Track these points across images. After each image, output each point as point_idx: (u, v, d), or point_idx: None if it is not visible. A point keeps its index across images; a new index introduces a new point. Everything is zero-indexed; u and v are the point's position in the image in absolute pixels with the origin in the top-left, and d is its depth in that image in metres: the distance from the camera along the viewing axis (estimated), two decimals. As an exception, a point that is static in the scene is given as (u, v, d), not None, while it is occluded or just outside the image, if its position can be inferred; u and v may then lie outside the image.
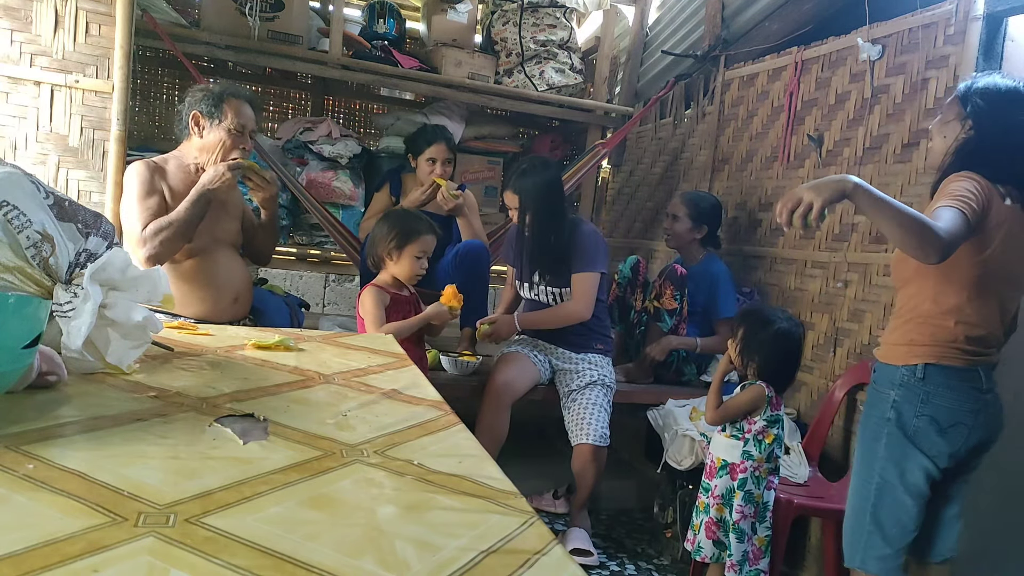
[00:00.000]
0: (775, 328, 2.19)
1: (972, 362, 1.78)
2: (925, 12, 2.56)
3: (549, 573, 0.68)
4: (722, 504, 2.17)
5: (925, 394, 1.78)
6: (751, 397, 2.16)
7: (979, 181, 1.74)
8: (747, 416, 2.17)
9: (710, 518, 2.19)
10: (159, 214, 2.32)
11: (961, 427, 1.77)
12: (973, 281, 1.77)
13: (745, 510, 2.13)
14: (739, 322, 2.29)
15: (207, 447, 0.90)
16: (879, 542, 1.82)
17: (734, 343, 2.25)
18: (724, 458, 2.19)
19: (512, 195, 2.79)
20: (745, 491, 2.13)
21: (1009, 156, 1.78)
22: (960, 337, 1.77)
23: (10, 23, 2.59)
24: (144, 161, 2.42)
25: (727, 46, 3.77)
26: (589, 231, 2.86)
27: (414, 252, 2.48)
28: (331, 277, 4.53)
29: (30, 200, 1.07)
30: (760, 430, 2.15)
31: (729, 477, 2.17)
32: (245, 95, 2.49)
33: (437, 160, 3.26)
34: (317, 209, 3.60)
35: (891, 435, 1.82)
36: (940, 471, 1.79)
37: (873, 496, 1.83)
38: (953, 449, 1.78)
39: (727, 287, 3.08)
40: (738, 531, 2.12)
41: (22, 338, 0.92)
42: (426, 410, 1.21)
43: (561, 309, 2.79)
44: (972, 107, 1.84)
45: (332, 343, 1.71)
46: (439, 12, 4.25)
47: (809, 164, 3.05)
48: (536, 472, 3.09)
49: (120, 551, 0.61)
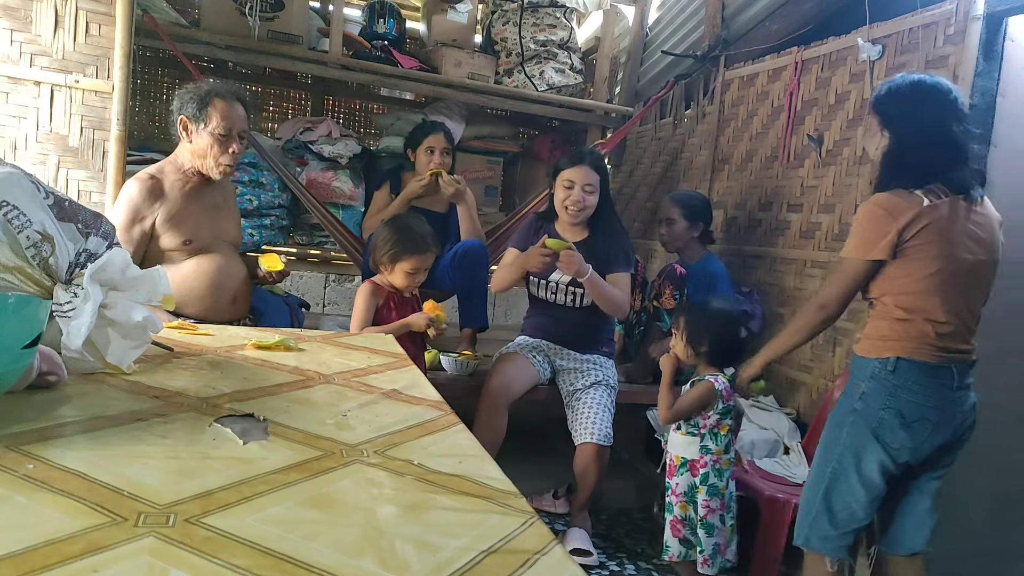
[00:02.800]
0: (714, 309, 2.25)
1: (945, 359, 1.79)
2: (925, 12, 2.56)
3: (549, 573, 0.68)
4: (685, 502, 2.17)
5: (893, 387, 1.80)
6: (701, 393, 2.17)
7: (888, 209, 1.79)
8: (700, 412, 2.17)
9: (674, 516, 2.19)
10: (140, 248, 2.30)
11: (925, 423, 1.78)
12: (932, 285, 1.79)
13: (711, 504, 2.13)
14: (679, 316, 2.33)
15: (207, 447, 0.90)
16: (826, 524, 1.86)
17: (679, 337, 2.25)
18: (683, 455, 2.19)
19: (592, 172, 2.72)
20: (708, 485, 2.14)
21: (928, 155, 1.80)
22: (931, 334, 1.79)
23: (10, 23, 2.59)
24: (141, 179, 2.34)
25: (727, 46, 3.77)
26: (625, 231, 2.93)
27: (406, 268, 2.48)
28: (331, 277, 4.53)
29: (30, 200, 1.07)
30: (715, 424, 2.16)
31: (690, 474, 2.18)
32: (233, 94, 2.40)
33: (436, 149, 3.25)
34: (317, 209, 3.60)
35: (855, 424, 1.84)
36: (898, 465, 1.81)
37: (827, 480, 1.87)
38: (915, 444, 1.79)
39: (725, 286, 3.08)
40: (707, 526, 2.13)
41: (22, 338, 0.92)
42: (426, 410, 1.21)
43: (617, 292, 2.72)
44: (882, 115, 1.88)
45: (332, 343, 1.71)
46: (439, 12, 4.26)
47: (809, 164, 3.05)
48: (536, 472, 3.08)
49: (120, 551, 0.61)
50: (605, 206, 2.81)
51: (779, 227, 3.20)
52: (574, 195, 2.71)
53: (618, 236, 2.84)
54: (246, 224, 3.60)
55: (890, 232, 1.77)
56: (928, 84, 1.85)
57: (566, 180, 2.74)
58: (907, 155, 1.82)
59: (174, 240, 2.34)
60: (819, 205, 2.97)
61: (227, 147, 2.35)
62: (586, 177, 2.71)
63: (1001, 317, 2.38)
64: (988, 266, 1.86)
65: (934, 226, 1.77)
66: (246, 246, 3.47)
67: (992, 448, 2.39)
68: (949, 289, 1.80)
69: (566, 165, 2.77)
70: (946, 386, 1.79)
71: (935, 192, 1.79)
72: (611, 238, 2.79)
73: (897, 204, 1.79)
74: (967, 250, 1.80)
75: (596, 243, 2.74)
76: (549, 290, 2.85)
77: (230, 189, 2.67)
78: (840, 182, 2.86)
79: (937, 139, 1.79)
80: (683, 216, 3.18)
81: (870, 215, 1.82)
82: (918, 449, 1.80)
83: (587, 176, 2.71)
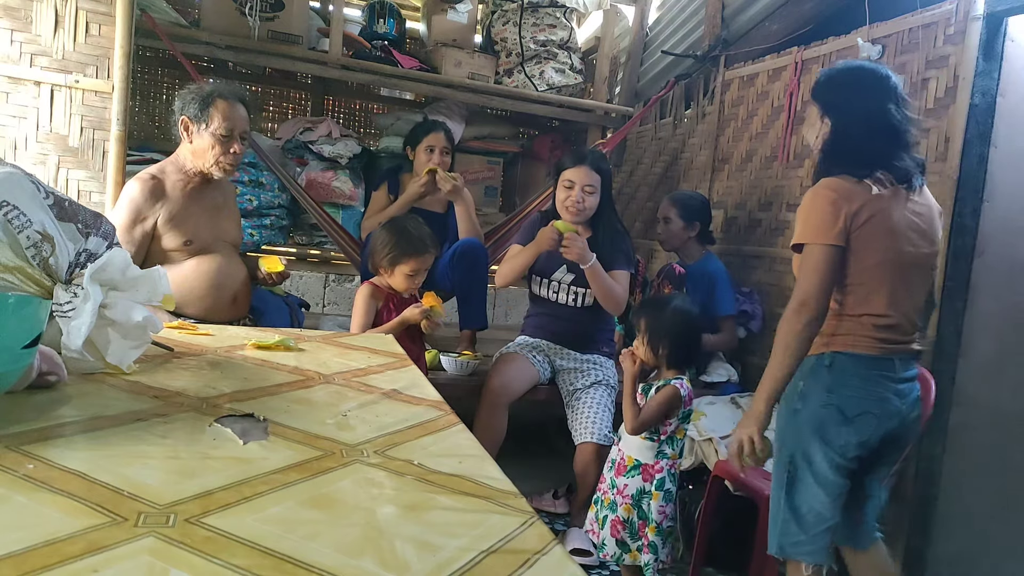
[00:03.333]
0: (671, 307, 2.15)
1: (886, 351, 1.74)
2: (925, 12, 2.56)
3: (549, 573, 0.68)
4: (631, 504, 2.10)
5: (831, 383, 1.74)
6: (666, 398, 2.08)
7: (839, 193, 1.73)
8: (665, 418, 2.11)
9: (617, 517, 2.11)
10: (141, 248, 2.30)
11: (869, 416, 1.73)
12: (874, 278, 1.75)
13: (666, 509, 2.06)
14: (638, 316, 2.22)
15: (207, 447, 0.90)
16: (795, 528, 1.78)
17: (641, 339, 2.17)
18: (637, 458, 2.11)
19: (593, 173, 2.73)
20: (665, 491, 2.07)
21: (869, 143, 1.76)
22: (868, 326, 1.75)
23: (10, 23, 2.59)
24: (142, 179, 2.34)
25: (727, 46, 3.77)
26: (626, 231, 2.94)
27: (406, 271, 2.48)
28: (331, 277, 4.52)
29: (30, 200, 1.07)
30: (674, 429, 2.10)
31: (641, 478, 2.10)
32: (235, 94, 2.40)
33: (436, 148, 3.24)
34: (315, 210, 3.60)
35: (797, 425, 1.78)
36: (850, 460, 1.75)
37: (786, 484, 1.80)
38: (862, 438, 1.73)
39: (724, 285, 3.09)
40: (662, 532, 2.06)
41: (22, 338, 0.92)
42: (426, 410, 1.21)
43: (616, 285, 2.72)
44: (823, 103, 1.84)
45: (332, 343, 1.71)
46: (439, 12, 4.25)
47: (809, 164, 3.05)
48: (536, 472, 3.08)
49: (120, 551, 0.61)
50: (607, 206, 2.81)
51: (779, 227, 3.20)
52: (574, 195, 2.72)
53: (619, 236, 2.84)
54: (246, 224, 3.59)
55: (840, 217, 1.71)
56: (867, 70, 1.83)
57: (567, 180, 2.74)
58: (849, 141, 1.78)
59: (175, 240, 2.35)
60: (819, 205, 2.97)
61: (228, 147, 2.35)
62: (587, 178, 2.71)
63: (1003, 318, 2.39)
64: (930, 258, 1.83)
65: (879, 217, 1.73)
66: (246, 246, 3.46)
67: (994, 448, 2.40)
68: (892, 282, 1.75)
69: (568, 165, 2.77)
70: (888, 378, 1.74)
71: (881, 181, 1.74)
72: (612, 238, 2.80)
73: (848, 189, 1.73)
74: (909, 242, 1.77)
75: (597, 242, 2.74)
76: (551, 289, 2.85)
77: (230, 189, 2.67)
78: (840, 182, 2.86)
79: (878, 125, 1.76)
80: (679, 216, 3.20)
81: (821, 198, 1.74)
82: (867, 443, 1.75)
83: (588, 177, 2.72)
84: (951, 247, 2.32)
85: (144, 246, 2.32)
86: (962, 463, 2.35)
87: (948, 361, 2.32)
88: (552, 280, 2.84)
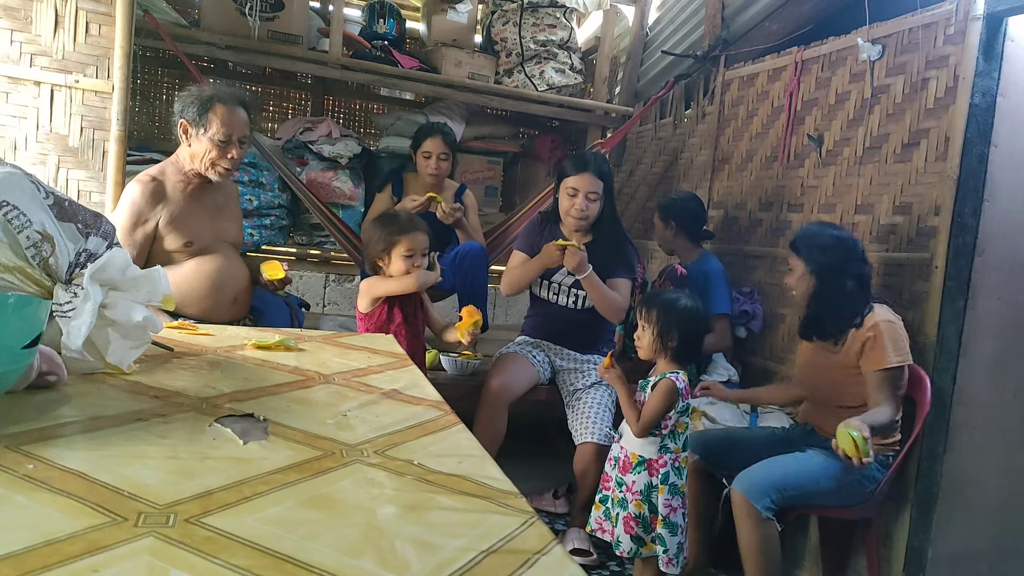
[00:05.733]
0: (682, 304, 2.17)
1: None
2: (925, 12, 2.56)
3: (549, 573, 0.68)
4: (641, 500, 2.12)
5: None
6: (665, 392, 2.10)
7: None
8: (666, 414, 2.12)
9: (628, 513, 2.13)
10: (143, 250, 2.29)
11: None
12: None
13: (672, 503, 2.09)
14: (649, 307, 2.21)
15: (207, 447, 0.90)
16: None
17: (649, 329, 2.18)
18: (641, 454, 2.13)
19: (596, 179, 2.72)
20: (670, 484, 2.09)
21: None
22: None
23: (10, 23, 2.59)
24: (143, 180, 2.33)
25: (727, 46, 3.77)
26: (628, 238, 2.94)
27: (401, 252, 2.46)
28: (331, 277, 4.53)
29: (30, 200, 1.07)
30: (675, 422, 2.12)
31: (647, 473, 2.12)
32: (235, 98, 2.38)
33: (432, 154, 3.26)
34: (319, 209, 3.60)
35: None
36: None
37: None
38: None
39: (718, 283, 3.07)
40: (670, 525, 2.08)
41: (22, 338, 0.92)
42: (426, 410, 1.21)
43: (616, 296, 2.72)
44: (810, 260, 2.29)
45: (332, 343, 1.71)
46: (439, 12, 4.25)
47: (809, 164, 3.05)
48: (536, 472, 3.08)
49: (120, 551, 0.61)
50: (609, 212, 2.80)
51: (779, 227, 3.19)
52: (578, 203, 2.70)
53: (620, 243, 2.83)
54: (246, 224, 3.59)
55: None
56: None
57: (570, 188, 2.73)
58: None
59: (176, 242, 2.35)
60: (819, 205, 2.96)
61: (226, 152, 2.34)
62: (590, 185, 2.71)
63: (1004, 317, 2.39)
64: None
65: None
66: (246, 246, 3.47)
67: (997, 449, 2.40)
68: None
69: (570, 171, 2.75)
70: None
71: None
72: (613, 245, 2.79)
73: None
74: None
75: (598, 249, 2.73)
76: (552, 290, 2.85)
77: (232, 190, 2.66)
78: (840, 182, 2.86)
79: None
80: (660, 217, 3.26)
81: (899, 328, 2.20)
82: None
83: (591, 184, 2.71)
84: (951, 246, 2.32)
85: (146, 248, 2.32)
86: (962, 463, 2.35)
87: (949, 361, 2.32)
88: (553, 282, 2.84)
